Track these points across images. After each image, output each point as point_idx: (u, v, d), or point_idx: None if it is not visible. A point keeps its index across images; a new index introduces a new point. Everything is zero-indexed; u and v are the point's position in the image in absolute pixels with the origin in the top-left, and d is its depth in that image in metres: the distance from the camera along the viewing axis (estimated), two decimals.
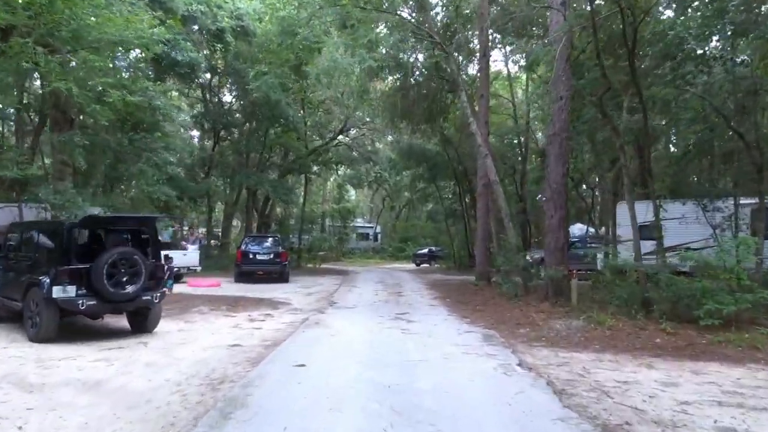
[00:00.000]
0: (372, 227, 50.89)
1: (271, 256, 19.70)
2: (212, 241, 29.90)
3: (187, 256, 19.24)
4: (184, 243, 20.78)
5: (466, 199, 29.81)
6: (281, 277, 19.94)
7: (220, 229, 30.72)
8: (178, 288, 16.62)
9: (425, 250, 38.00)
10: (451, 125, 27.53)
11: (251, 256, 19.69)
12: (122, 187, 15.55)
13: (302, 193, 31.37)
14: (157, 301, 8.74)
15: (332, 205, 43.28)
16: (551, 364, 7.24)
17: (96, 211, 12.58)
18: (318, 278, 23.12)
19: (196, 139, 31.97)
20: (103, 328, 9.55)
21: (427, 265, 36.80)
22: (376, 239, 50.17)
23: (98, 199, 14.39)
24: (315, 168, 28.11)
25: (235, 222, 34.04)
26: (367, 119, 28.64)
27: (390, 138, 33.08)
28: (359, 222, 50.88)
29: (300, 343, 8.39)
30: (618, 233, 18.69)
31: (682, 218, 13.44)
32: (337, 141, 29.65)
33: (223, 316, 11.25)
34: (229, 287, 17.61)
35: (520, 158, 28.60)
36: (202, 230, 32.13)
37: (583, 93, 12.50)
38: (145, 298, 8.56)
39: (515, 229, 24.10)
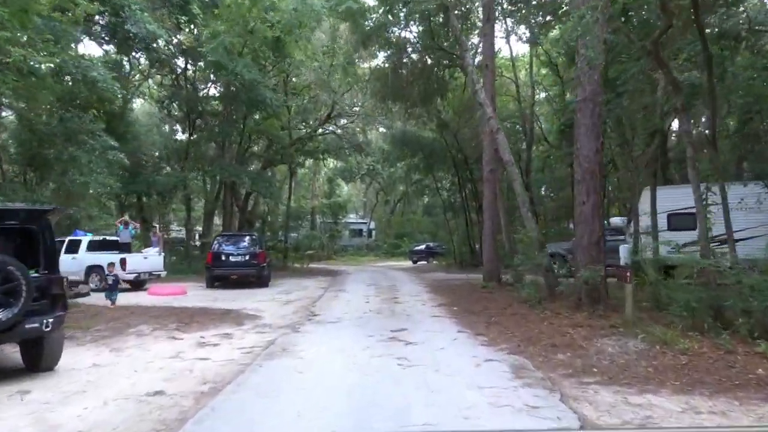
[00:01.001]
0: (365, 223, 48.35)
1: (247, 257, 17.11)
2: (192, 241, 27.30)
3: (148, 260, 16.63)
4: (154, 239, 18.18)
5: (466, 190, 27.28)
6: (260, 281, 17.41)
7: (201, 228, 28.16)
8: (135, 298, 14.09)
9: (422, 247, 35.53)
10: (449, 107, 24.99)
11: (224, 258, 17.10)
12: (57, 177, 12.98)
13: (288, 187, 28.74)
14: (49, 328, 6.16)
15: (322, 200, 40.68)
16: (626, 423, 4.71)
17: None
18: (303, 280, 20.57)
19: (177, 129, 29.35)
20: None
21: (425, 263, 34.34)
22: (370, 236, 47.65)
23: (19, 192, 11.75)
24: (300, 158, 25.40)
25: (218, 220, 31.44)
26: (357, 106, 26.05)
27: (382, 128, 30.49)
28: (352, 218, 48.32)
29: (250, 387, 5.82)
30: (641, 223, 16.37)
31: (741, 202, 10.94)
32: (323, 129, 27.02)
33: (166, 339, 8.67)
34: (196, 295, 15.05)
35: (524, 145, 26.06)
36: (179, 228, 29.47)
37: (629, 39, 9.88)
38: (30, 326, 5.99)
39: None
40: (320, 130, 26.41)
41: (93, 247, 16.16)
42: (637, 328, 7.76)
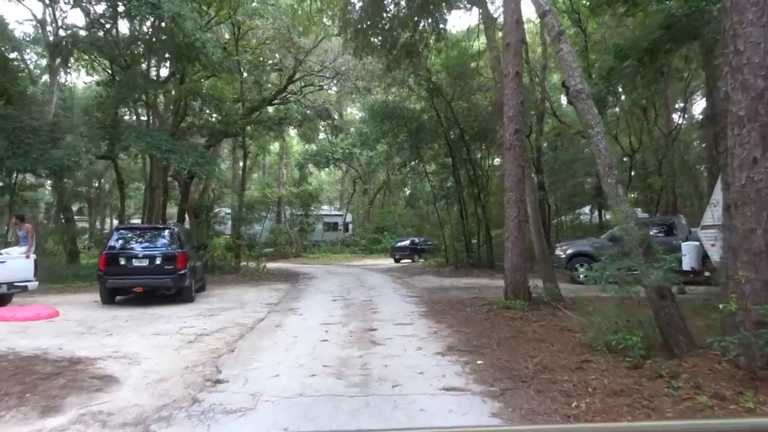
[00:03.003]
0: (341, 215, 43.04)
1: (158, 260, 11.78)
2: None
3: (9, 266, 11.18)
4: (21, 233, 12.63)
5: (461, 174, 22.20)
6: (180, 295, 12.17)
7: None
8: None
9: (406, 243, 30.46)
10: (443, 68, 19.84)
11: (123, 262, 11.74)
12: None
13: (241, 170, 23.31)
14: None
15: (290, 189, 35.24)
16: None
17: None
18: (250, 290, 15.30)
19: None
20: None
21: (409, 261, 29.29)
22: (346, 230, 42.38)
23: None
24: (254, 132, 19.86)
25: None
26: (326, 66, 20.71)
27: (358, 101, 25.14)
28: (326, 209, 42.98)
29: None
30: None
31: None
32: (285, 97, 21.61)
33: None
34: (69, 320, 9.77)
35: (534, 117, 20.99)
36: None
37: None
38: None
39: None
40: (281, 97, 21.00)
41: None
42: None
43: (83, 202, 41.82)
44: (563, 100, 24.61)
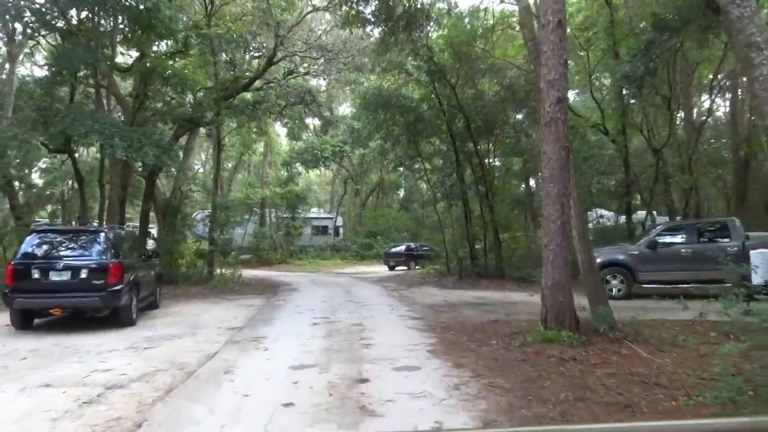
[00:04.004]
0: (331, 218, 40.27)
1: (83, 274, 9.00)
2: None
3: None
4: None
5: (464, 171, 19.57)
6: (118, 318, 9.45)
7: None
8: None
9: (402, 248, 27.76)
10: (446, 47, 17.21)
11: (37, 276, 8.95)
12: None
13: (214, 165, 20.53)
14: None
15: (274, 189, 32.42)
16: None
17: None
18: (212, 307, 12.54)
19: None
20: None
21: (405, 269, 26.59)
22: (336, 234, 39.60)
23: None
24: (227, 118, 16.94)
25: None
26: (311, 45, 18.00)
27: (347, 88, 22.45)
28: (315, 212, 40.19)
29: None
30: None
31: None
32: (265, 83, 18.84)
33: None
34: None
35: None
36: None
37: None
38: None
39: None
40: (257, 87, 18.21)
41: None
42: None
43: (56, 204, 38.81)
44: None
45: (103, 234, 9.61)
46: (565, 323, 7.30)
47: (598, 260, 13.66)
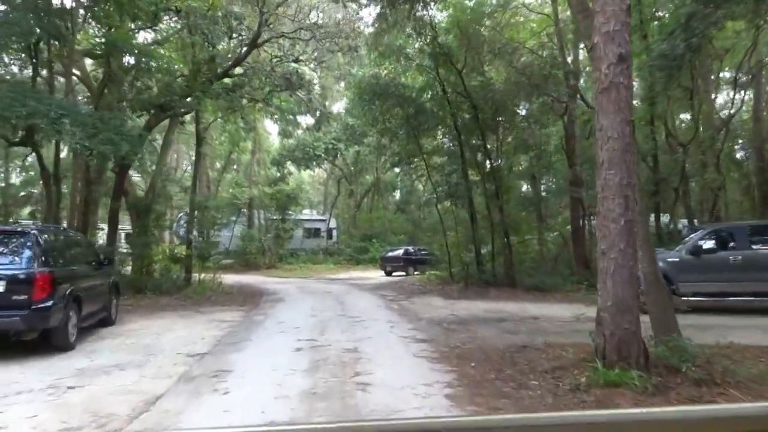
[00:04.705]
0: (324, 220, 38.29)
1: None
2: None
3: None
4: None
5: (472, 166, 17.68)
6: (50, 342, 7.50)
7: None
8: None
9: (400, 252, 25.82)
10: (452, 24, 15.35)
11: None
12: None
13: (194, 161, 18.53)
14: None
15: (263, 189, 30.40)
16: None
17: None
18: (179, 322, 10.58)
19: None
20: None
21: (403, 274, 24.69)
22: (330, 236, 37.63)
23: None
24: (197, 100, 14.70)
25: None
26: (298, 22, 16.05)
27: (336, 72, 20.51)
28: (306, 213, 38.21)
29: None
30: None
31: None
32: (249, 68, 16.86)
33: None
34: None
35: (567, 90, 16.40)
36: None
37: None
38: None
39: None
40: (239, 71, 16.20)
41: None
42: None
43: (36, 204, 36.71)
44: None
45: (29, 236, 7.60)
46: (632, 358, 5.39)
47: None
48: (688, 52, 11.67)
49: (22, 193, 30.09)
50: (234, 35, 15.41)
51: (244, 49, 16.09)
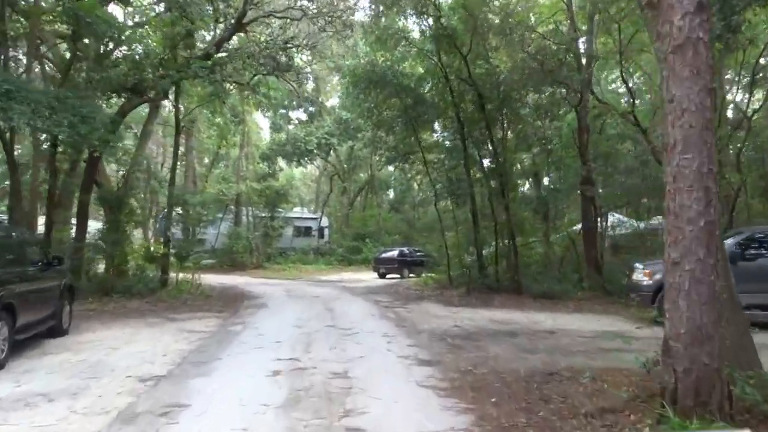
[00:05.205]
0: (315, 219, 36.86)
1: None
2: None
3: None
4: None
5: (475, 161, 16.35)
6: None
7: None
8: None
9: (394, 253, 24.47)
10: (456, 3, 14.01)
11: None
12: None
13: (173, 150, 17.04)
14: None
15: (251, 184, 28.91)
16: None
17: None
18: (143, 332, 9.16)
19: None
20: None
21: (397, 277, 23.36)
22: (321, 236, 36.20)
23: None
24: (169, 81, 13.08)
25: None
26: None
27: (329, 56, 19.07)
28: (297, 211, 36.75)
29: None
30: None
31: None
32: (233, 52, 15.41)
33: None
34: None
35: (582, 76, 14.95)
36: None
37: None
38: None
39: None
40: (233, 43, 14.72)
41: None
42: None
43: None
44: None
45: None
46: (713, 403, 4.05)
47: (656, 277, 10.52)
48: (726, 33, 10.42)
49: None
50: (217, 11, 13.91)
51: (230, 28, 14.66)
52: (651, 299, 10.24)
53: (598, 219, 15.48)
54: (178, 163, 35.70)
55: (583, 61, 14.95)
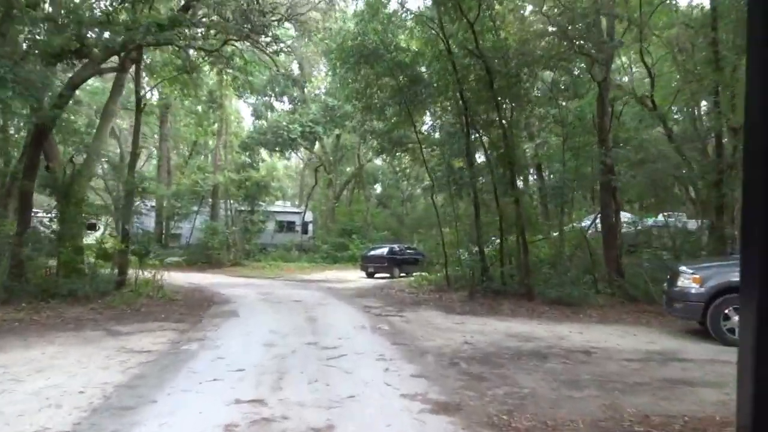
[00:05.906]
0: (299, 213, 34.76)
1: None
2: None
3: None
4: None
5: (479, 146, 14.43)
6: None
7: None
8: None
9: (384, 251, 22.51)
10: None
11: None
12: None
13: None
14: None
15: (229, 175, 26.71)
16: None
17: None
18: (67, 355, 7.03)
19: None
20: None
21: (387, 276, 21.45)
22: (305, 231, 34.13)
23: None
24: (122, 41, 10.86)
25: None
26: None
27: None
28: (279, 205, 34.61)
29: None
30: None
31: None
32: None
33: None
34: None
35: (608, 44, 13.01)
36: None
37: None
38: None
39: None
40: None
41: None
42: None
43: None
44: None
45: None
46: None
47: (708, 284, 8.69)
48: None
49: None
50: None
51: None
52: (702, 311, 8.42)
53: (619, 214, 13.64)
54: (151, 151, 33.43)
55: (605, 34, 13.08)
